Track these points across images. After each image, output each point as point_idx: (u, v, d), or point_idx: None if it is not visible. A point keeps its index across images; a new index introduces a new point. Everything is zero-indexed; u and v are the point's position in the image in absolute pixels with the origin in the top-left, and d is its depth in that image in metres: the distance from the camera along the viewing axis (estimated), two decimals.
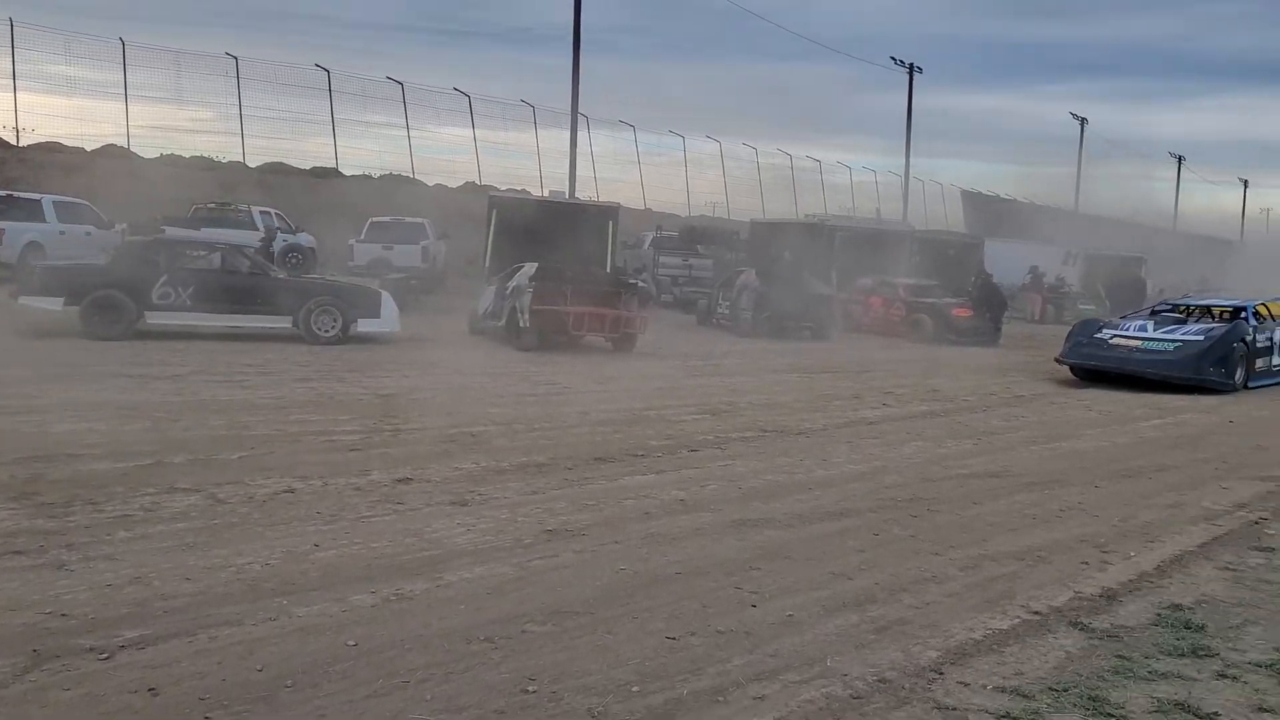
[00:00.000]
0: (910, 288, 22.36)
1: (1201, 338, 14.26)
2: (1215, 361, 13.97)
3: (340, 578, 4.76)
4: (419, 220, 23.79)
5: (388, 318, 14.58)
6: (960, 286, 22.56)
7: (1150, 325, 15.11)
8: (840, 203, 43.02)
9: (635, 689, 3.71)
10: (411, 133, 32.98)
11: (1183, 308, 16.37)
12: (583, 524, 5.89)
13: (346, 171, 31.24)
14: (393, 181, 31.36)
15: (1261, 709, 3.72)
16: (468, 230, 25.50)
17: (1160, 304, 17.39)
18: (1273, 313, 15.75)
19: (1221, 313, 15.68)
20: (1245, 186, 66.34)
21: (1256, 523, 6.67)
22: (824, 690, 3.75)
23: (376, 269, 21.03)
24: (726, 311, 20.60)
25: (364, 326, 14.35)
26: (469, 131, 34.28)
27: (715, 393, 11.75)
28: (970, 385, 13.61)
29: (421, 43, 68.78)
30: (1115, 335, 14.97)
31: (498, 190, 27.36)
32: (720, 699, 3.67)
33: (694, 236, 27.64)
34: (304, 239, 22.75)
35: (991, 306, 20.99)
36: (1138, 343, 14.59)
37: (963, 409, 11.56)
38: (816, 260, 23.47)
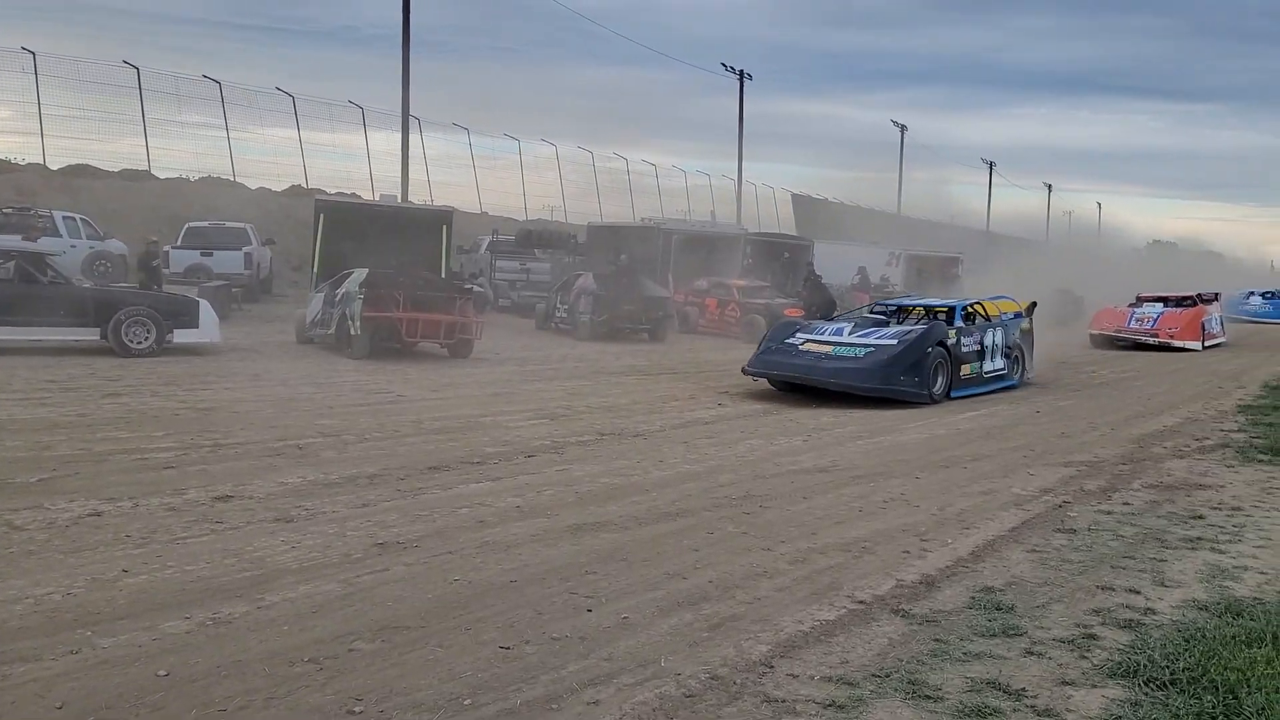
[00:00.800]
0: (744, 289, 22.91)
1: (894, 342, 12.51)
2: (906, 369, 12.25)
3: (151, 604, 4.48)
4: (241, 225, 22.81)
5: (207, 327, 13.93)
6: (791, 287, 23.27)
7: (847, 328, 13.36)
8: (676, 206, 43.79)
9: (467, 702, 3.63)
10: (231, 134, 31.56)
11: (895, 308, 14.87)
12: (415, 536, 5.74)
13: (160, 174, 29.58)
14: (211, 185, 29.90)
15: (1064, 682, 3.95)
16: (294, 235, 24.67)
17: (876, 303, 15.88)
18: (989, 313, 14.35)
19: (936, 312, 14.24)
20: (1049, 191, 71.32)
21: (1060, 506, 7.10)
22: (658, 691, 3.77)
23: (195, 276, 20.06)
24: (565, 315, 20.61)
25: (181, 337, 13.65)
26: (294, 132, 33.14)
27: (553, 397, 11.71)
28: None
29: (241, 40, 66.12)
30: (808, 340, 13.05)
31: (325, 194, 26.52)
32: (554, 706, 3.63)
33: (531, 240, 27.51)
34: (113, 245, 21.42)
35: (820, 306, 21.69)
36: (828, 348, 12.74)
37: (794, 406, 11.89)
38: (653, 263, 23.77)
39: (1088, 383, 15.61)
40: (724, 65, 42.75)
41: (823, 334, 13.24)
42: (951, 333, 13.17)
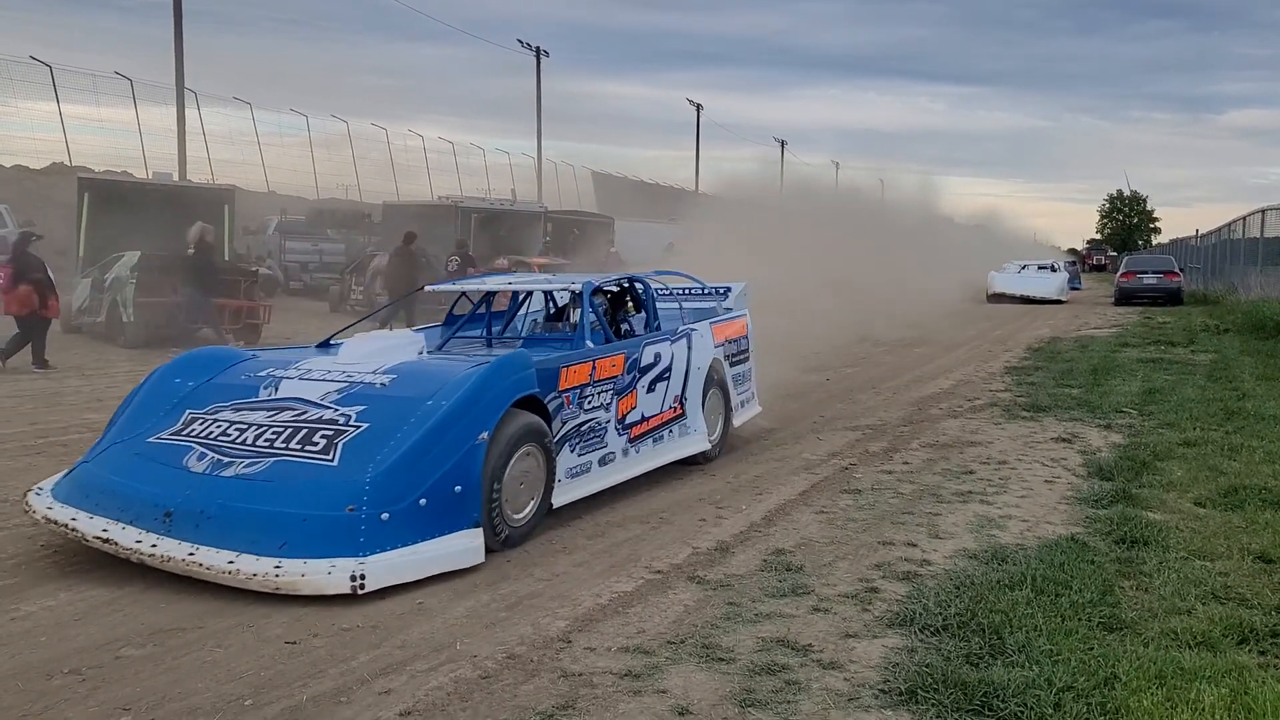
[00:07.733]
0: (544, 266, 22.82)
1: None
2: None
3: None
4: None
5: None
6: (594, 263, 23.39)
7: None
8: (475, 184, 43.07)
9: (249, 702, 3.44)
10: None
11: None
12: None
13: None
14: None
15: (847, 635, 4.13)
16: (57, 217, 22.81)
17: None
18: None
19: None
20: (837, 169, 74.71)
21: (846, 468, 7.43)
22: (453, 675, 3.69)
23: None
24: (360, 296, 19.98)
25: None
26: (54, 105, 30.55)
27: None
28: None
29: None
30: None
31: (91, 172, 24.60)
32: (344, 699, 3.49)
33: (324, 220, 26.46)
34: None
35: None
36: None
37: None
38: (451, 241, 23.31)
39: (871, 351, 16.42)
40: (521, 42, 42.43)
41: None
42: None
